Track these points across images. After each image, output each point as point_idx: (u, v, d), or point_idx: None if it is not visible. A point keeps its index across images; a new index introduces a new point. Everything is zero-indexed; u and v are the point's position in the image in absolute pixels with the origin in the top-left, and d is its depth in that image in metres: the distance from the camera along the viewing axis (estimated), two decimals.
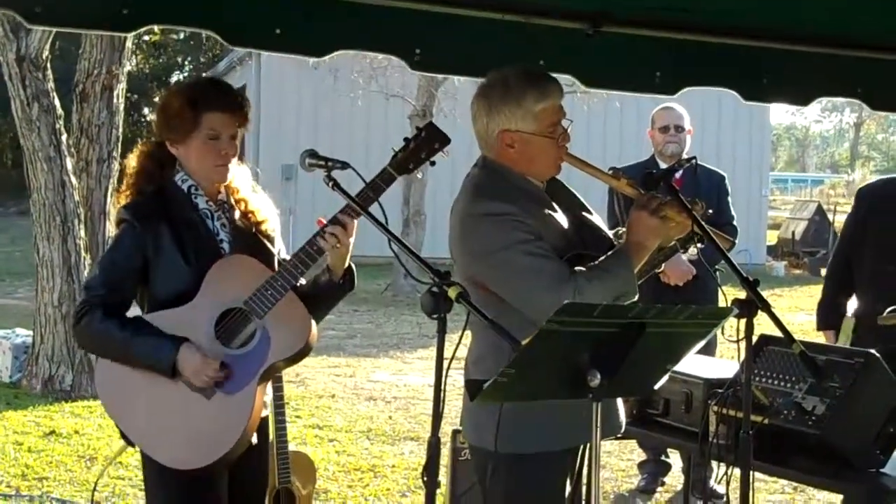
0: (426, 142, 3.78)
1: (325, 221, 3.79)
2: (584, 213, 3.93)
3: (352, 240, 3.80)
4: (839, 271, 6.02)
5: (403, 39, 4.62)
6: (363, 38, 4.62)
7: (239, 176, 4.01)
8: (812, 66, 5.25)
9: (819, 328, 6.11)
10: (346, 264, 3.93)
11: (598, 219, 3.99)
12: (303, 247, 3.77)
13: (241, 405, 3.76)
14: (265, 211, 4.05)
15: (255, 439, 3.91)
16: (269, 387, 4.06)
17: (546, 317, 2.98)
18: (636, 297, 3.66)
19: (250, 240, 3.95)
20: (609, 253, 3.70)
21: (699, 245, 3.85)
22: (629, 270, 3.64)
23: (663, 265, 4.27)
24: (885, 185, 5.99)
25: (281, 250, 4.07)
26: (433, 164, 3.81)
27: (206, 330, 3.76)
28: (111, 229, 3.84)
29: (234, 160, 3.94)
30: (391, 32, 4.57)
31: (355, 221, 3.76)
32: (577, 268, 3.61)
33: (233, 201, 3.98)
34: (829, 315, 6.04)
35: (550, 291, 3.51)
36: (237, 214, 3.96)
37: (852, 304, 5.92)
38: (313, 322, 3.87)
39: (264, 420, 4.04)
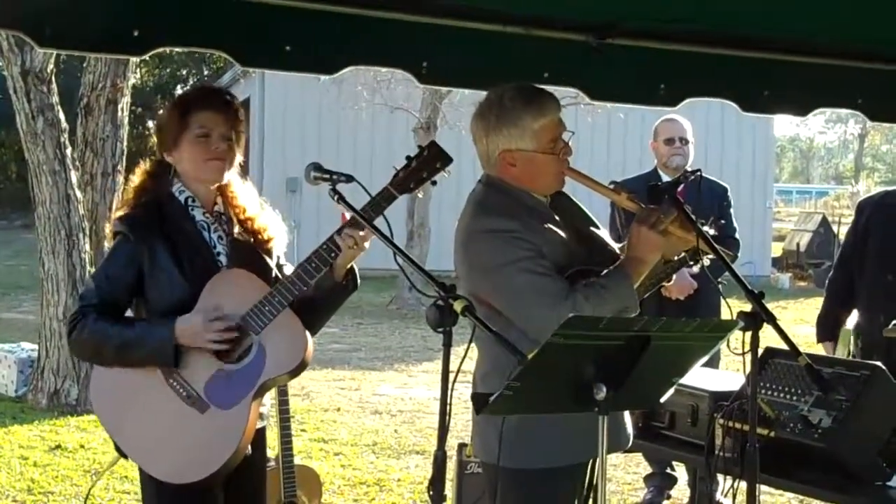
0: (428, 161, 3.78)
1: (348, 217, 3.75)
2: (590, 228, 3.93)
3: (367, 244, 3.79)
4: (840, 283, 6.04)
5: (411, 53, 4.64)
6: (372, 54, 4.63)
7: (244, 194, 4.02)
8: (812, 77, 5.27)
9: (819, 340, 6.12)
10: (349, 266, 3.92)
11: (605, 233, 3.99)
12: (301, 264, 3.76)
13: (235, 420, 3.76)
14: (272, 228, 4.04)
15: (249, 450, 3.91)
16: (267, 399, 4.05)
17: (545, 334, 2.98)
18: (637, 312, 3.66)
19: (248, 253, 3.94)
20: (609, 269, 3.69)
21: (707, 259, 3.84)
22: (628, 286, 3.64)
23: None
24: (885, 196, 6.01)
25: (281, 258, 4.07)
26: (434, 183, 3.81)
27: None
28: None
29: (236, 172, 3.95)
30: (398, 47, 4.58)
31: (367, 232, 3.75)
32: (577, 284, 3.61)
33: (232, 214, 3.98)
34: (828, 326, 6.05)
35: (549, 309, 3.52)
36: (236, 227, 3.96)
37: (852, 317, 5.93)
38: (310, 338, 3.86)
39: (260, 432, 4.03)
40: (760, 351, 3.60)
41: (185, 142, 3.83)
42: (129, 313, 3.89)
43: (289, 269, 3.96)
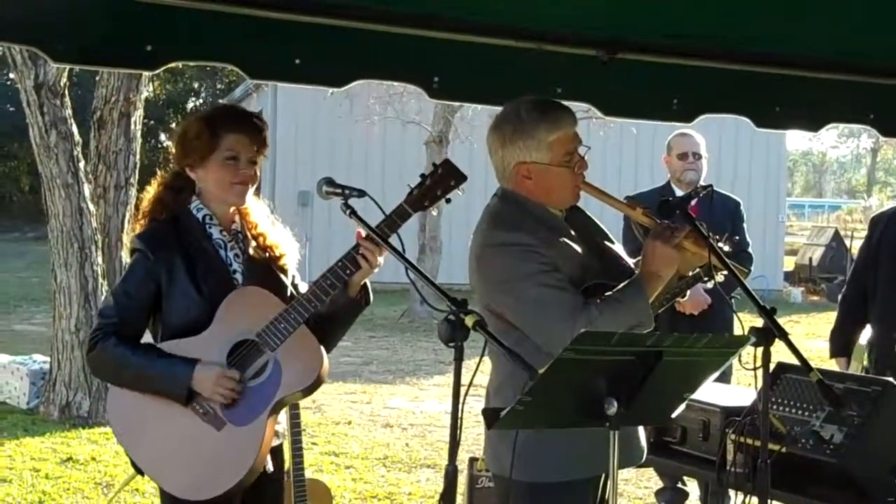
0: (442, 179, 3.79)
1: (363, 234, 3.77)
2: (605, 242, 3.93)
3: (381, 259, 3.80)
4: (853, 298, 6.03)
5: (422, 68, 4.65)
6: (382, 68, 4.64)
7: (257, 210, 4.03)
8: (824, 92, 5.26)
9: (832, 355, 6.10)
10: (363, 282, 3.93)
11: (619, 248, 3.99)
12: (316, 281, 3.77)
13: (251, 437, 3.76)
14: (284, 245, 4.05)
15: (271, 466, 3.92)
16: (283, 415, 4.06)
17: (559, 348, 2.98)
18: (652, 327, 3.66)
19: (264, 271, 3.95)
20: (624, 283, 3.69)
21: (722, 275, 3.84)
22: (643, 301, 3.63)
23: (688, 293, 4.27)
24: None
25: (296, 277, 4.08)
26: (448, 201, 3.82)
27: (218, 360, 3.77)
28: (126, 256, 3.87)
29: (251, 192, 3.96)
30: (409, 61, 4.59)
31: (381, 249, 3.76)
32: (592, 299, 3.61)
33: (248, 232, 3.99)
34: (841, 342, 6.04)
35: (563, 323, 3.52)
36: (251, 245, 3.97)
37: (866, 332, 5.92)
38: (325, 355, 3.87)
39: (278, 448, 4.04)
40: (772, 366, 3.59)
41: (214, 163, 3.85)
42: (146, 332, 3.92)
43: (303, 288, 3.98)
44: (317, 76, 4.60)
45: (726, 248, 3.82)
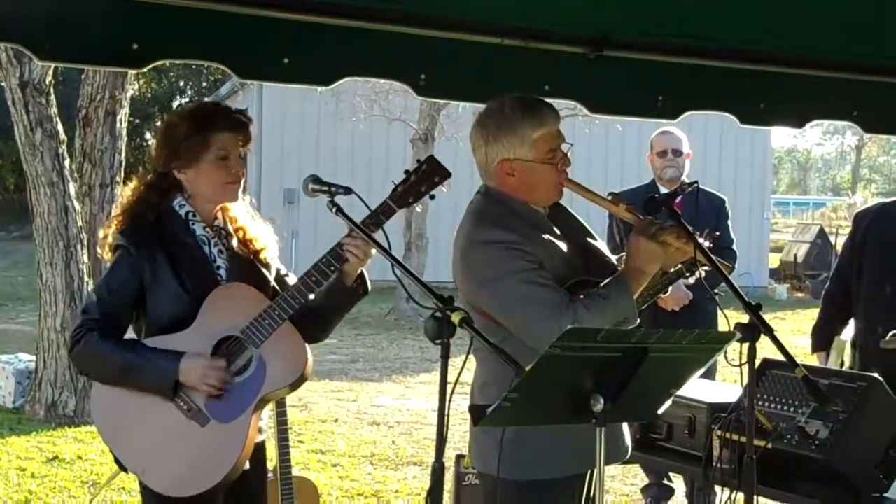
0: (426, 175, 3.79)
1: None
2: (588, 239, 3.94)
3: (373, 251, 3.79)
4: (836, 294, 6.04)
5: (409, 65, 4.64)
6: (369, 65, 4.64)
7: (236, 205, 4.02)
8: (808, 89, 5.28)
9: (813, 350, 6.12)
10: (359, 271, 3.92)
11: (602, 244, 3.99)
12: (301, 277, 3.78)
13: (235, 434, 3.77)
14: (264, 238, 4.05)
15: (246, 465, 3.92)
16: (266, 412, 4.06)
17: (545, 345, 2.99)
18: (637, 323, 3.67)
19: (248, 267, 3.95)
20: (608, 279, 3.70)
21: (704, 270, 3.85)
22: (628, 297, 3.64)
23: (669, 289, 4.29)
24: (882, 208, 6.02)
25: (281, 269, 4.08)
26: (433, 197, 3.82)
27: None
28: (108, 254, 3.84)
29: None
30: (396, 58, 4.59)
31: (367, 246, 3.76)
32: (576, 295, 3.62)
33: (230, 228, 3.99)
34: (823, 338, 6.05)
35: (549, 320, 3.52)
36: (235, 241, 3.97)
37: (849, 327, 5.93)
38: (309, 352, 3.88)
39: (259, 444, 4.03)
40: (757, 362, 3.60)
41: (205, 162, 3.84)
42: (129, 329, 3.90)
43: (292, 279, 3.98)
44: (304, 75, 4.60)
45: (707, 244, 3.83)
